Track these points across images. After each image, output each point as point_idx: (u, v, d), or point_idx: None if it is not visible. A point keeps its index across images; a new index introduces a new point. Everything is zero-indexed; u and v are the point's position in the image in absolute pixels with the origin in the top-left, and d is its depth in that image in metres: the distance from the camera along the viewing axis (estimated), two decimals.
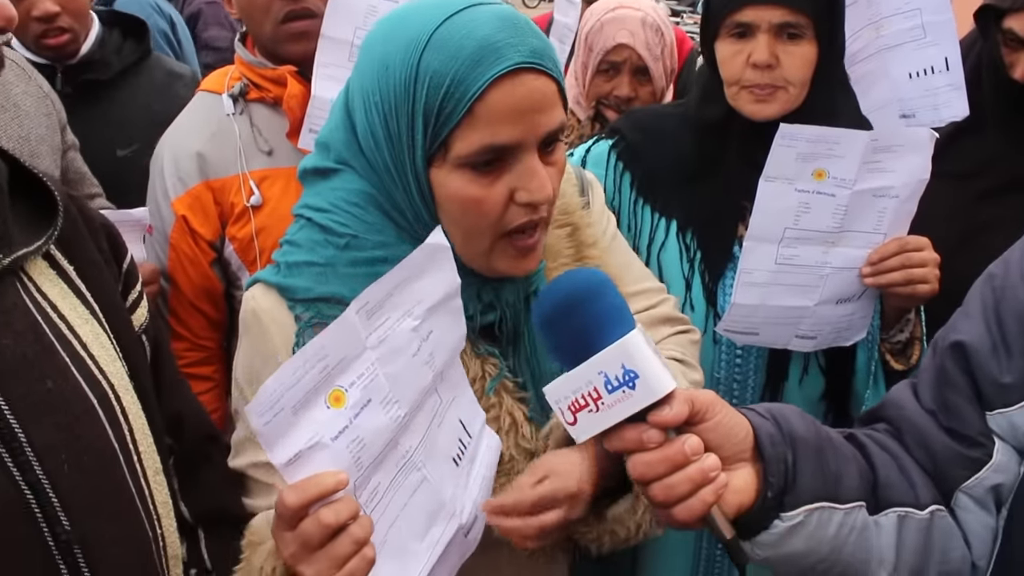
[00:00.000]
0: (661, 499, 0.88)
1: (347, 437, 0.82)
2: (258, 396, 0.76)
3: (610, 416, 0.88)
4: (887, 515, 0.98)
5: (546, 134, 1.01)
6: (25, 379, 0.82)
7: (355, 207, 1.07)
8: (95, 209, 1.05)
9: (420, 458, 0.92)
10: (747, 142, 1.55)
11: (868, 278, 1.49)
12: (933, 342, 1.09)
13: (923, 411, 1.04)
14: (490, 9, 1.00)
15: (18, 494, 0.80)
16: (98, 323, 0.94)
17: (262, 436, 0.77)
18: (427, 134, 1.00)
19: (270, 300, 1.08)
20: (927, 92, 1.81)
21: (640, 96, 2.07)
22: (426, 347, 0.91)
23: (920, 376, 1.08)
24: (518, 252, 1.05)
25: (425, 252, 0.90)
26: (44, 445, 0.82)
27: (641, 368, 0.86)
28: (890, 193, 1.45)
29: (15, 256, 0.85)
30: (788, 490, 0.94)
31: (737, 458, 0.93)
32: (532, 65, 0.98)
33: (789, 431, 0.96)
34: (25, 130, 1.79)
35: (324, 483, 0.80)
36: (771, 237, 1.46)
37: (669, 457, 0.87)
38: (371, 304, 0.84)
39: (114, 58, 2.20)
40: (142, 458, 0.93)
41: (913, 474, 1.01)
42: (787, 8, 1.47)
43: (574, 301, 0.89)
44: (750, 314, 1.51)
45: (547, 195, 1.01)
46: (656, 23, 2.04)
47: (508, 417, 1.11)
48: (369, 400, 0.85)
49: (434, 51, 0.97)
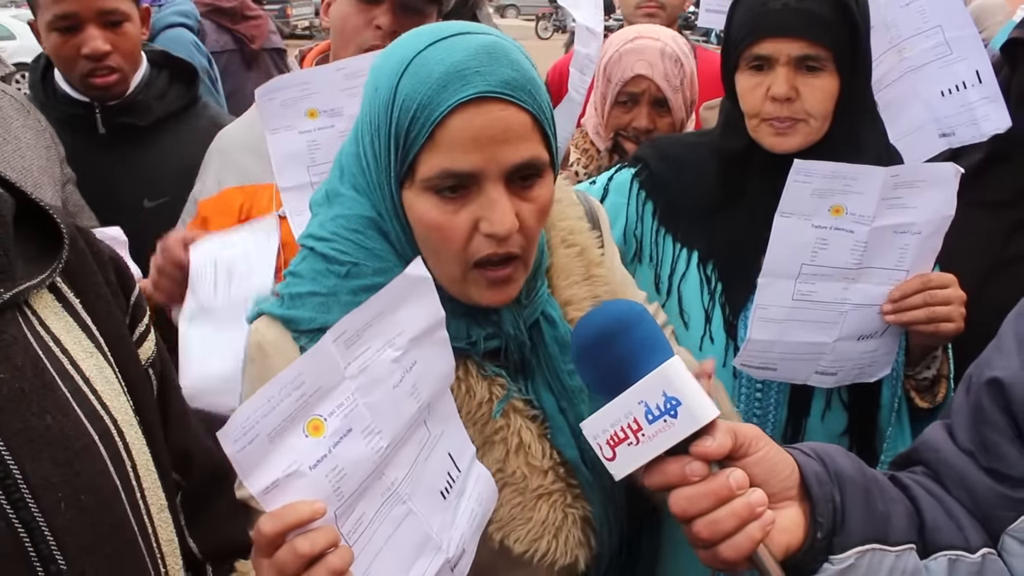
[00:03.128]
0: (706, 536, 0.84)
1: (326, 466, 0.82)
2: (231, 421, 0.76)
3: (651, 448, 0.86)
4: (937, 559, 0.95)
5: (512, 166, 1.00)
6: (22, 414, 0.82)
7: (355, 233, 1.08)
8: (103, 242, 1.05)
9: (406, 490, 0.91)
10: (769, 174, 1.54)
11: (889, 315, 1.46)
12: (966, 378, 1.05)
13: (960, 452, 1.01)
14: (475, 38, 1.01)
15: (12, 532, 0.79)
16: (103, 357, 0.94)
17: (237, 462, 0.77)
18: (397, 156, 1.02)
19: (275, 332, 1.09)
20: (963, 108, 1.79)
21: (659, 127, 2.05)
22: (409, 378, 0.91)
23: (954, 416, 1.04)
24: (489, 283, 1.05)
25: (405, 282, 0.90)
26: (40, 482, 0.81)
27: (683, 394, 0.84)
28: (912, 229, 1.42)
29: (17, 290, 0.86)
30: (837, 531, 0.90)
31: (782, 496, 0.90)
32: (499, 95, 0.97)
33: (835, 470, 0.93)
34: (27, 162, 1.81)
35: (300, 511, 0.79)
36: (787, 273, 1.44)
37: (714, 491, 0.84)
38: (349, 333, 0.84)
39: (156, 103, 2.13)
40: (146, 495, 0.93)
41: (960, 516, 0.98)
42: (806, 41, 1.46)
43: (611, 332, 0.89)
44: (766, 349, 1.49)
45: (508, 228, 1.00)
46: (675, 54, 2.03)
47: (516, 438, 1.10)
48: (349, 430, 0.84)
49: (410, 76, 0.99)
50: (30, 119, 1.89)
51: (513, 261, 1.04)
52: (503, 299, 1.07)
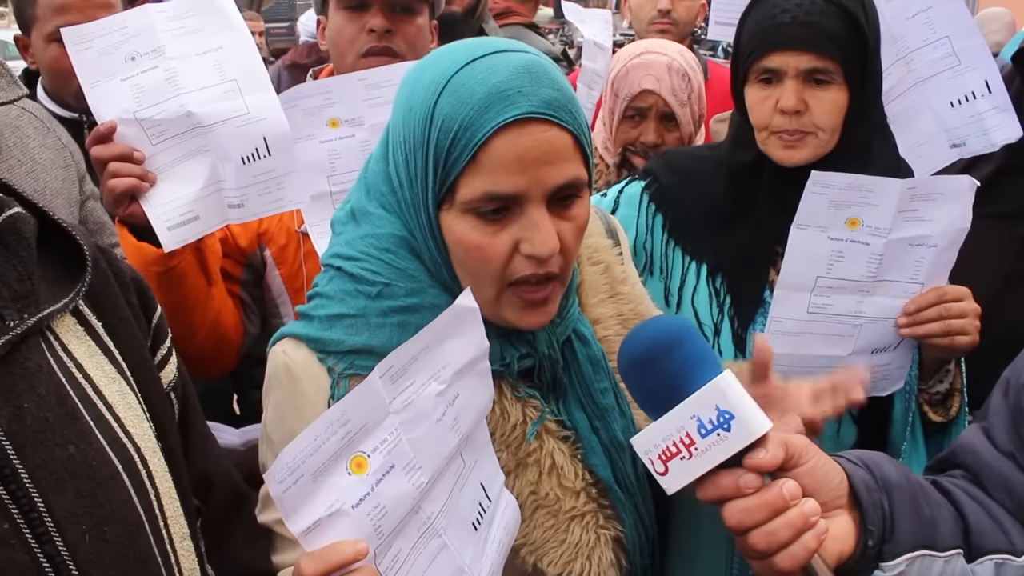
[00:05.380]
0: (762, 547, 0.86)
1: (368, 504, 0.80)
2: (278, 462, 0.74)
3: (704, 462, 0.87)
4: (983, 563, 0.96)
5: (555, 187, 0.99)
6: (46, 445, 0.80)
7: (386, 252, 1.06)
8: (125, 262, 1.04)
9: (442, 524, 0.90)
10: (778, 187, 1.54)
11: (904, 329, 1.45)
12: (1003, 382, 1.06)
13: (1000, 454, 1.02)
14: (514, 56, 1.00)
15: (36, 566, 0.77)
16: (125, 382, 0.92)
17: (281, 503, 0.75)
18: (436, 177, 1.00)
19: (302, 354, 1.07)
20: (973, 118, 1.80)
21: (667, 142, 2.05)
22: (451, 412, 0.89)
23: (991, 418, 1.05)
24: (525, 304, 1.03)
25: (453, 314, 0.88)
26: (65, 514, 0.79)
27: (737, 408, 0.85)
28: (928, 242, 1.42)
29: (40, 315, 0.84)
30: (887, 538, 0.92)
31: (833, 505, 0.91)
32: (543, 116, 0.97)
33: (882, 477, 0.94)
34: (41, 184, 1.79)
35: (344, 553, 0.78)
36: (803, 285, 1.43)
37: (768, 502, 0.85)
38: (396, 368, 0.82)
39: None
40: (168, 524, 0.91)
41: (1003, 519, 0.99)
42: (814, 54, 1.47)
43: (661, 348, 0.89)
44: (781, 362, 1.48)
45: (551, 249, 0.99)
46: (683, 68, 2.03)
47: (549, 459, 1.09)
48: (392, 466, 0.83)
49: (449, 95, 0.98)
50: (49, 137, 1.88)
51: (552, 282, 1.03)
52: (541, 321, 1.06)
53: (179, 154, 1.50)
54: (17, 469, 0.78)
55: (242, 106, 1.49)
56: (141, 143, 1.47)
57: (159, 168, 1.49)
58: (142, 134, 1.47)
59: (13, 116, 1.84)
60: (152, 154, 1.48)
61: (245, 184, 1.51)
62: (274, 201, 1.54)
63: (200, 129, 1.48)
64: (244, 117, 1.49)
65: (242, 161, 1.50)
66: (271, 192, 1.53)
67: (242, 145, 1.50)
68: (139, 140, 1.47)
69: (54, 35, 1.96)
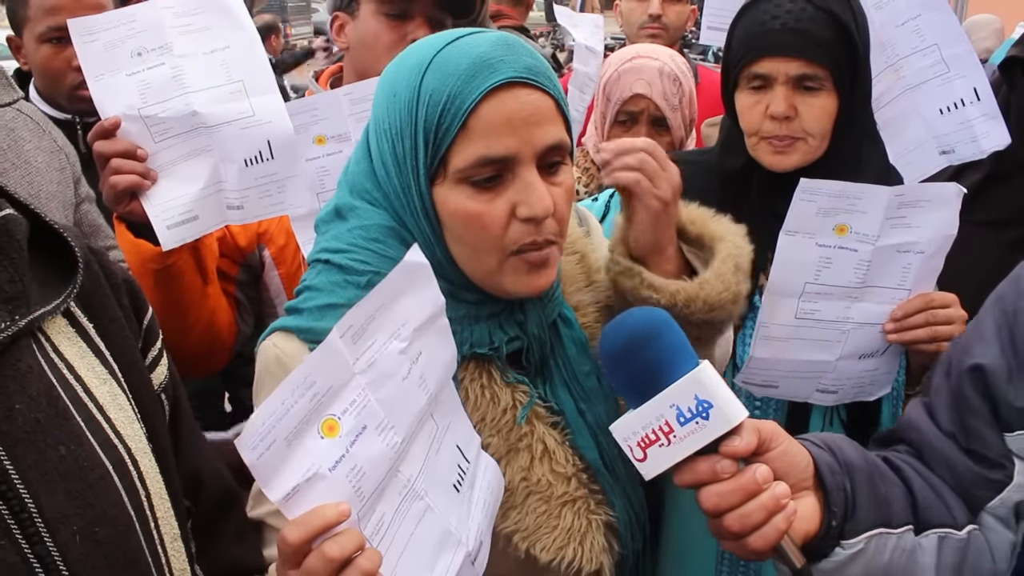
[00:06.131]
0: (737, 529, 0.89)
1: (345, 466, 0.80)
2: (247, 429, 0.74)
3: (682, 449, 0.90)
4: (928, 536, 1.01)
5: (544, 148, 1.02)
6: (37, 445, 0.81)
7: (374, 242, 1.07)
8: (117, 264, 1.04)
9: (422, 486, 0.90)
10: (768, 192, 1.55)
11: (891, 335, 1.46)
12: (944, 361, 1.11)
13: (942, 434, 1.06)
14: (491, 33, 1.05)
15: (26, 566, 0.77)
16: (116, 383, 0.92)
17: (256, 470, 0.75)
18: (427, 151, 1.02)
19: (293, 345, 1.07)
20: (962, 125, 1.81)
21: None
22: (416, 369, 0.90)
23: (933, 398, 1.10)
24: (529, 267, 1.05)
25: (404, 270, 0.88)
26: (55, 515, 0.80)
27: (715, 398, 0.88)
28: (915, 249, 1.43)
29: (32, 317, 0.84)
30: (848, 518, 0.97)
31: (800, 487, 0.96)
32: (526, 80, 1.01)
33: (845, 460, 0.99)
34: (35, 187, 1.79)
35: (326, 515, 0.78)
36: (791, 291, 1.44)
37: (743, 486, 0.89)
38: (355, 327, 0.82)
39: None
40: (159, 525, 0.91)
41: (945, 495, 1.04)
42: (804, 60, 1.48)
43: (641, 339, 0.91)
44: (769, 367, 1.50)
45: (546, 208, 1.02)
46: (674, 73, 2.04)
47: (540, 444, 1.11)
48: (364, 427, 0.83)
49: (434, 71, 1.02)
50: (44, 140, 1.87)
51: (551, 246, 1.06)
52: (542, 285, 1.07)
53: (181, 153, 1.49)
54: (8, 470, 0.79)
55: (248, 108, 1.49)
56: (144, 140, 1.47)
57: (160, 166, 1.48)
58: (145, 131, 1.47)
59: (8, 119, 1.83)
60: (154, 152, 1.47)
61: (246, 186, 1.52)
62: (274, 204, 1.54)
63: (204, 129, 1.48)
64: (249, 119, 1.49)
65: (245, 163, 1.50)
66: (272, 195, 1.53)
67: (246, 147, 1.50)
68: (142, 137, 1.47)
69: (46, 36, 1.96)
